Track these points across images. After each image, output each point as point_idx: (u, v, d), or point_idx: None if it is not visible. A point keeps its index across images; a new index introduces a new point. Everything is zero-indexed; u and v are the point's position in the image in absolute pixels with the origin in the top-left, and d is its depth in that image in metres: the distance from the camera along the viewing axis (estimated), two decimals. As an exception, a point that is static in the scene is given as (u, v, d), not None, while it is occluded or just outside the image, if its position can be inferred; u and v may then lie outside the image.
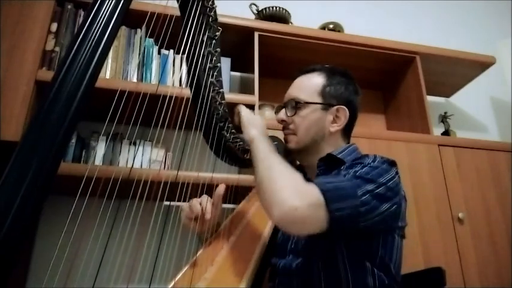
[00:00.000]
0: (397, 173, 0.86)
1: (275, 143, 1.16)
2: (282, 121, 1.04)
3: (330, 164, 0.95)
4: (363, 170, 0.81)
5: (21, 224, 0.41)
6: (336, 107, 0.99)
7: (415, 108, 1.88)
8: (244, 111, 0.97)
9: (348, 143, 1.04)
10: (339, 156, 0.94)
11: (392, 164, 0.87)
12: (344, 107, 1.00)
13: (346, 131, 1.03)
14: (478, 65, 2.04)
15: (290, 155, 1.04)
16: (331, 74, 1.03)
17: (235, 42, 1.71)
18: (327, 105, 0.99)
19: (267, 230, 0.91)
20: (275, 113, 1.14)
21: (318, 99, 1.00)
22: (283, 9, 1.85)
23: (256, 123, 0.93)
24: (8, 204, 0.41)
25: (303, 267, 0.84)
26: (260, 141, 0.87)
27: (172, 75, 1.57)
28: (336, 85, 1.01)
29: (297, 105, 1.00)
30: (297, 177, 0.76)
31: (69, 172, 1.20)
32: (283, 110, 1.04)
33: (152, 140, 1.49)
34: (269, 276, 0.95)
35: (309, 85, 1.02)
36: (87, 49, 0.48)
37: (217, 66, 0.84)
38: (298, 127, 1.00)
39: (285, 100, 1.05)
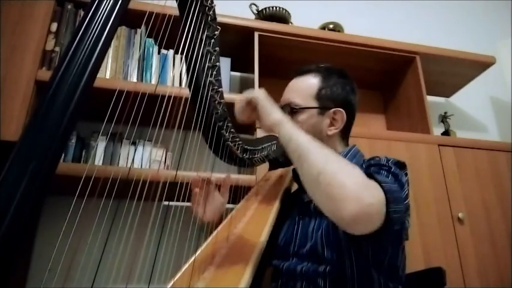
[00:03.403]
0: (406, 174, 0.86)
1: (274, 142, 1.16)
2: None
3: None
4: (393, 170, 0.80)
5: (20, 222, 0.41)
6: (332, 110, 0.97)
7: (415, 108, 1.88)
8: (260, 94, 0.87)
9: (347, 144, 1.03)
10: None
11: (403, 166, 0.88)
12: (341, 110, 0.98)
13: (345, 133, 1.01)
14: (478, 65, 2.04)
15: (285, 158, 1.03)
16: (327, 75, 1.00)
17: (235, 42, 1.72)
18: (323, 109, 0.97)
19: (266, 230, 0.91)
20: None
21: (314, 103, 0.97)
22: (283, 9, 1.85)
23: (276, 108, 0.85)
24: (7, 203, 0.41)
25: (308, 272, 0.84)
26: (293, 126, 0.80)
27: (171, 75, 1.58)
28: (332, 87, 0.99)
29: (293, 110, 0.97)
30: (356, 168, 0.71)
31: (69, 172, 1.21)
32: None
33: (152, 140, 1.49)
34: (272, 277, 0.95)
35: (304, 88, 0.99)
36: (85, 48, 0.48)
37: (216, 65, 0.84)
38: None
39: (281, 104, 1.01)
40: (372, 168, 0.83)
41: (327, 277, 0.81)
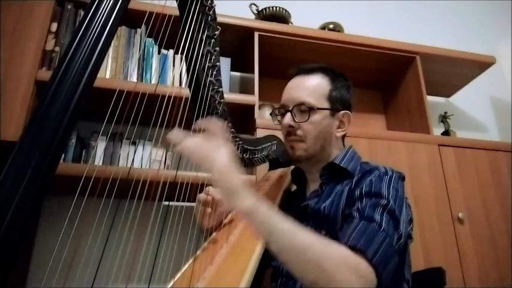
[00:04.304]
0: (403, 186, 0.86)
1: (274, 142, 1.16)
2: (289, 127, 0.96)
3: (333, 172, 0.95)
4: (390, 206, 0.77)
5: (20, 222, 0.41)
6: (342, 112, 0.99)
7: (415, 108, 1.88)
8: (219, 172, 0.67)
9: (344, 144, 1.04)
10: (342, 164, 0.94)
11: (403, 179, 0.88)
12: (348, 112, 1.00)
13: (345, 134, 1.04)
14: (478, 65, 2.04)
15: (291, 159, 1.02)
16: (334, 77, 1.01)
17: (235, 42, 1.71)
18: (334, 111, 0.98)
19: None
20: (271, 114, 1.09)
21: (326, 105, 0.97)
22: (283, 9, 1.85)
23: (246, 189, 0.68)
24: (7, 203, 0.41)
25: None
26: (268, 211, 0.68)
27: (171, 75, 1.58)
28: (340, 89, 1.00)
29: (310, 109, 0.94)
30: (343, 251, 0.66)
31: (69, 172, 1.20)
32: (289, 114, 0.96)
33: (152, 140, 1.49)
34: (271, 277, 0.95)
35: (316, 89, 0.97)
36: (85, 48, 0.48)
37: (216, 65, 0.84)
38: (308, 134, 0.95)
39: (291, 103, 0.97)
40: (367, 206, 0.77)
41: None
